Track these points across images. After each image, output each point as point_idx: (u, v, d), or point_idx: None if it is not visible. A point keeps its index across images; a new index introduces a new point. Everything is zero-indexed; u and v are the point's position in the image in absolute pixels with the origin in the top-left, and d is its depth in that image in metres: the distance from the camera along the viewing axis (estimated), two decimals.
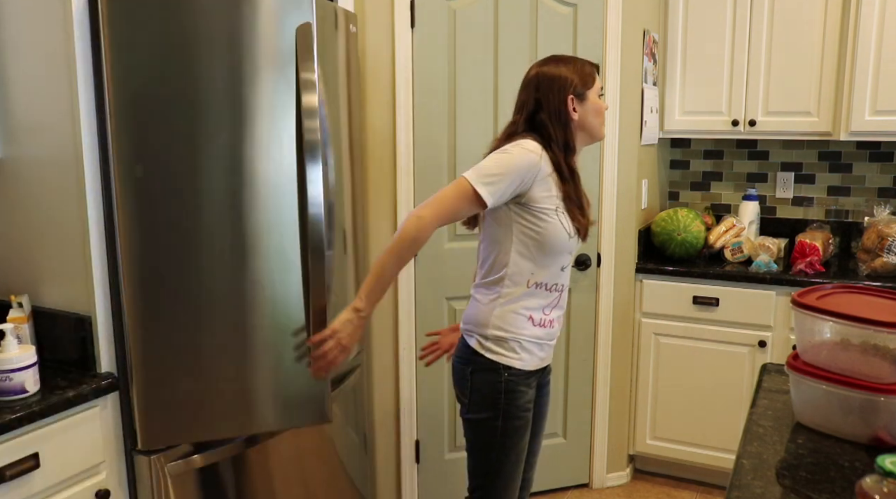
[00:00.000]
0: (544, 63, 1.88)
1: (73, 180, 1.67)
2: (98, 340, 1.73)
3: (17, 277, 1.85)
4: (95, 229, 1.69)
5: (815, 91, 2.96)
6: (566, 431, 3.06)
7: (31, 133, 1.74)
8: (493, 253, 1.84)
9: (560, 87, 1.81)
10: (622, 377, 3.10)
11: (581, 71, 1.84)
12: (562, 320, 1.93)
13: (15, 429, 1.52)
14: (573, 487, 3.13)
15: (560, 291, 1.88)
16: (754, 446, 1.43)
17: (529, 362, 1.85)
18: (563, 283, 1.89)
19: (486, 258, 1.86)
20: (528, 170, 1.73)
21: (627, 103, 2.91)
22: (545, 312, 1.85)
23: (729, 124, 3.11)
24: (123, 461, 1.78)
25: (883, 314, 1.42)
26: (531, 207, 1.76)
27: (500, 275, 1.82)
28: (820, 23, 2.91)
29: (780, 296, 2.84)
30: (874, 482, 1.05)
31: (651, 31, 3.02)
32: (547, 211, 1.77)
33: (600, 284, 2.97)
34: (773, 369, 1.86)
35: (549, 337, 1.89)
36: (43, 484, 1.59)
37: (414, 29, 2.58)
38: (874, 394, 1.38)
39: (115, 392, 1.75)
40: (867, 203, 3.19)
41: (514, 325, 1.82)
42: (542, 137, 1.81)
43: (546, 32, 2.73)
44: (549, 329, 1.88)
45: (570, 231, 1.81)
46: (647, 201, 3.22)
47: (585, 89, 1.83)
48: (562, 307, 1.91)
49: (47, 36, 1.65)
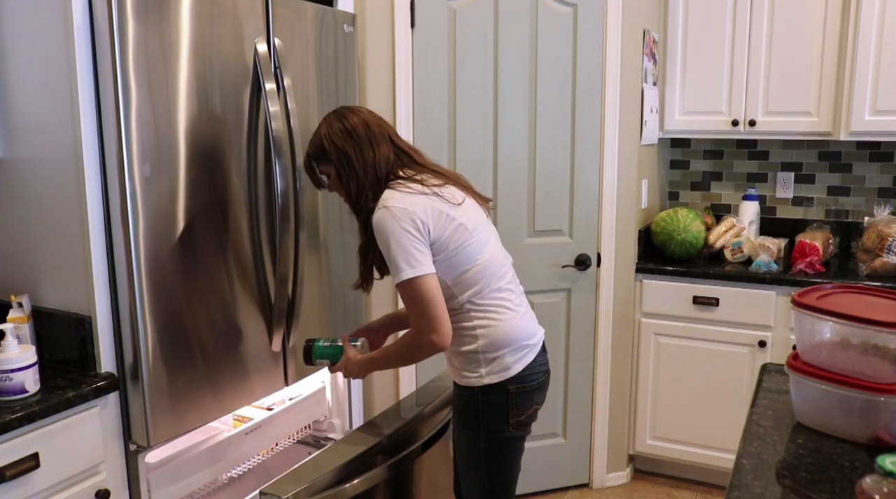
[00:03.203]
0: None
1: (73, 180, 1.67)
2: (98, 340, 1.72)
3: (17, 277, 1.85)
4: (95, 229, 1.69)
5: (815, 91, 2.96)
6: (566, 431, 3.06)
7: (31, 133, 1.74)
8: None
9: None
10: (622, 377, 3.10)
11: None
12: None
13: (15, 429, 1.52)
14: (573, 487, 3.13)
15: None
16: (754, 446, 1.43)
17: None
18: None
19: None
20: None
21: (627, 103, 2.91)
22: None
23: (729, 124, 3.11)
24: (123, 461, 1.78)
25: (883, 314, 1.42)
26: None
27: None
28: (820, 23, 2.91)
29: (780, 296, 2.84)
30: (874, 482, 1.05)
31: (651, 31, 3.02)
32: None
33: (600, 283, 2.97)
34: (773, 369, 1.86)
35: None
36: (43, 484, 1.59)
37: (414, 29, 2.58)
38: (874, 394, 1.38)
39: (115, 392, 1.75)
40: (867, 203, 3.19)
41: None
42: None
43: (546, 32, 2.73)
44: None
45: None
46: (647, 201, 3.22)
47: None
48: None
49: (47, 36, 1.64)
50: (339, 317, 2.34)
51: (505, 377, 1.78)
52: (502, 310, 1.80)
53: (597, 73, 2.83)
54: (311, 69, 2.12)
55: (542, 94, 2.77)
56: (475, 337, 1.78)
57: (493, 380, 1.78)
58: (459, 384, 1.85)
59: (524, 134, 2.78)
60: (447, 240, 1.72)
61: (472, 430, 1.82)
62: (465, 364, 1.81)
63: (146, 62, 1.66)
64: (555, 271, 2.91)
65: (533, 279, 2.84)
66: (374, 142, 1.75)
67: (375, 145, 1.75)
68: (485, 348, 1.78)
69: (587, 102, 2.84)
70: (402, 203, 1.68)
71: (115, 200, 1.67)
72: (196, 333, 1.84)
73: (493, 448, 1.82)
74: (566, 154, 2.85)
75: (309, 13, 2.09)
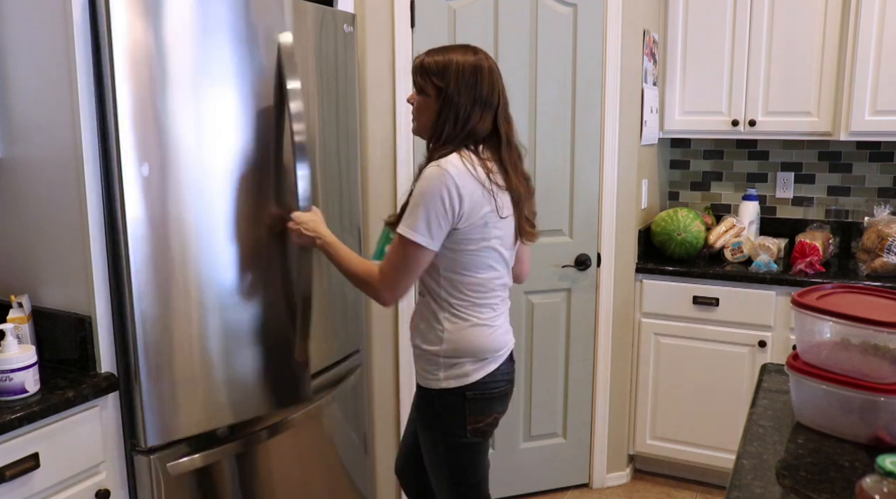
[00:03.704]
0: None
1: (73, 180, 1.67)
2: (98, 340, 1.72)
3: (17, 277, 1.85)
4: (95, 229, 1.69)
5: (815, 91, 2.96)
6: (566, 431, 3.06)
7: (31, 133, 1.73)
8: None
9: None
10: (622, 377, 3.10)
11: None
12: (413, 313, 1.91)
13: (15, 429, 1.52)
14: (573, 487, 3.13)
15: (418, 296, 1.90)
16: (754, 446, 1.43)
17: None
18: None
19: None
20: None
21: (627, 103, 2.91)
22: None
23: (729, 124, 3.11)
24: (123, 461, 1.78)
25: (883, 314, 1.42)
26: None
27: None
28: (820, 23, 2.91)
29: (780, 296, 2.84)
30: (874, 482, 1.05)
31: (651, 31, 3.01)
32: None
33: (600, 283, 2.97)
34: (773, 369, 1.86)
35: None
36: (43, 484, 1.58)
37: (414, 29, 2.57)
38: (874, 394, 1.38)
39: (115, 392, 1.75)
40: (867, 203, 3.19)
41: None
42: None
43: (546, 32, 2.73)
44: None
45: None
46: (647, 201, 3.22)
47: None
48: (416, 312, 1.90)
49: (47, 36, 1.64)
50: (340, 317, 2.34)
51: (463, 383, 1.77)
52: (476, 322, 1.78)
53: (597, 73, 2.83)
54: (311, 69, 2.12)
55: (541, 94, 2.77)
56: (440, 339, 1.77)
57: (451, 384, 1.77)
58: (419, 383, 1.85)
59: (524, 134, 2.78)
60: (465, 239, 1.71)
61: (431, 432, 1.83)
62: (426, 365, 1.81)
63: (146, 62, 1.66)
64: (555, 271, 2.91)
65: (533, 279, 2.83)
66: (486, 108, 1.73)
67: (485, 112, 1.73)
68: (446, 353, 1.77)
69: (587, 102, 2.83)
70: (458, 179, 1.66)
71: (116, 200, 1.67)
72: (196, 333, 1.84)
73: (452, 452, 1.81)
74: (566, 154, 2.85)
75: (309, 13, 2.09)
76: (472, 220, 1.69)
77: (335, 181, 2.28)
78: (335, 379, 2.32)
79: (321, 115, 2.17)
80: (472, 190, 1.67)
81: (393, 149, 2.61)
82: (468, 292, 1.76)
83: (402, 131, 2.59)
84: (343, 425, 2.40)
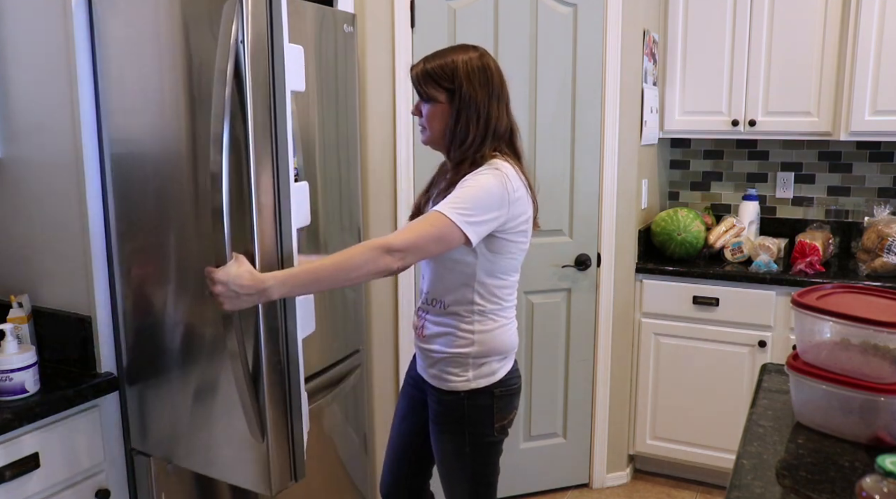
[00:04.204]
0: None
1: (73, 181, 1.67)
2: (98, 340, 1.72)
3: (17, 277, 1.85)
4: (96, 229, 1.69)
5: (815, 91, 2.96)
6: (566, 431, 3.06)
7: (31, 134, 1.74)
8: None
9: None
10: (622, 377, 3.10)
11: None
12: (422, 326, 1.84)
13: (15, 429, 1.52)
14: (573, 487, 3.13)
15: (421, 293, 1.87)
16: (754, 446, 1.43)
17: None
18: (422, 287, 1.85)
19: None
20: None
21: (627, 103, 2.91)
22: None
23: (729, 124, 3.11)
24: (123, 461, 1.78)
25: (883, 314, 1.42)
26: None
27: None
28: (820, 23, 2.91)
29: (780, 296, 2.84)
30: (874, 482, 1.05)
31: (651, 31, 3.02)
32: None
33: (600, 283, 2.97)
34: (773, 369, 1.86)
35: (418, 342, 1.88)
36: (43, 484, 1.59)
37: (414, 29, 2.58)
38: (874, 394, 1.38)
39: (115, 392, 1.75)
40: (867, 203, 3.19)
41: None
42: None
43: (546, 32, 2.73)
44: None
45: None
46: (647, 201, 3.22)
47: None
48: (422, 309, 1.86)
49: (47, 36, 1.65)
50: (339, 317, 2.34)
51: (492, 381, 1.77)
52: (504, 322, 1.80)
53: (597, 73, 2.83)
54: (310, 69, 2.11)
55: (542, 94, 2.77)
56: (470, 342, 1.76)
57: (481, 384, 1.76)
58: (440, 388, 1.80)
59: (524, 134, 2.75)
60: (509, 243, 1.70)
61: (457, 435, 1.80)
62: (450, 367, 1.77)
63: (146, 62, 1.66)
64: (555, 271, 2.91)
65: (533, 279, 2.84)
66: (501, 102, 1.72)
67: (501, 105, 1.71)
68: (476, 354, 1.76)
69: (587, 102, 2.83)
70: (514, 182, 1.65)
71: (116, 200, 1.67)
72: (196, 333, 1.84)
73: (478, 452, 1.80)
74: (566, 154, 2.85)
75: (309, 13, 2.09)
76: (513, 227, 1.69)
77: (335, 182, 2.28)
78: (335, 379, 2.32)
79: (321, 114, 2.17)
80: (520, 198, 1.68)
81: (393, 149, 2.61)
82: (501, 295, 1.77)
83: (403, 131, 2.59)
84: (343, 425, 2.40)
